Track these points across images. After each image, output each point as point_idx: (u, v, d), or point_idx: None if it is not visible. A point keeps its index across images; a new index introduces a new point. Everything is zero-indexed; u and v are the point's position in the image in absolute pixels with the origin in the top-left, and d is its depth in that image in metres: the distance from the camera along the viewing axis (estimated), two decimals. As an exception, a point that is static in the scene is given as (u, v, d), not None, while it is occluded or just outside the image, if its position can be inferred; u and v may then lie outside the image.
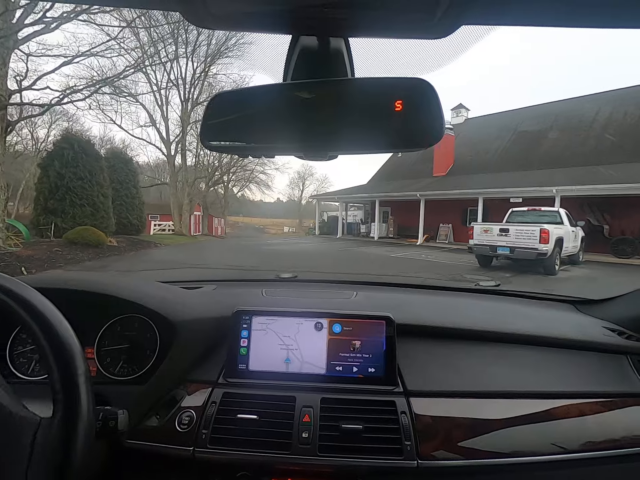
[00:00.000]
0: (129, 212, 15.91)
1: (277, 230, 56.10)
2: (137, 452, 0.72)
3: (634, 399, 0.82)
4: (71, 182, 11.98)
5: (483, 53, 4.48)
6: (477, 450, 0.71)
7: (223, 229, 37.45)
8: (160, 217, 24.63)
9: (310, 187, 59.15)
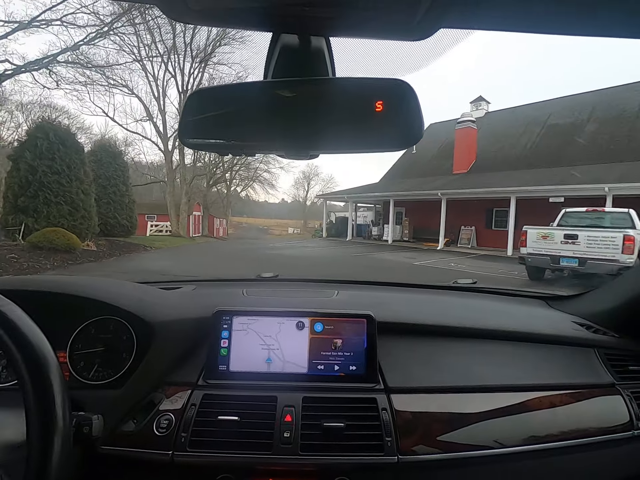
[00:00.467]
0: (117, 211, 14.33)
1: (281, 232, 54.77)
2: (113, 458, 0.70)
3: (600, 390, 0.86)
4: (45, 177, 10.41)
5: (501, 45, 2.99)
6: (455, 443, 0.73)
7: (225, 229, 36.11)
8: (157, 218, 23.23)
9: (315, 187, 57.73)
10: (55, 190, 10.57)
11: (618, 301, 1.03)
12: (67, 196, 10.79)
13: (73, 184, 10.98)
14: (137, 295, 0.88)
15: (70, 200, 10.89)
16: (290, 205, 72.02)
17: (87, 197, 11.51)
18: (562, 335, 0.97)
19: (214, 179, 28.74)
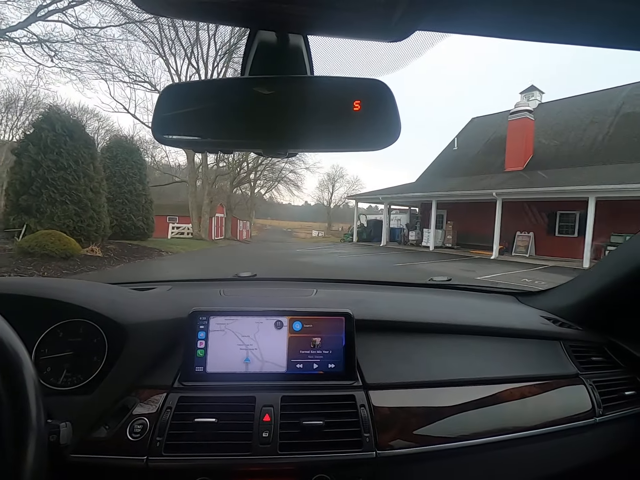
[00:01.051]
0: (133, 212, 13.17)
1: (305, 234, 53.48)
2: (84, 466, 0.67)
3: (566, 380, 0.91)
4: (49, 173, 9.27)
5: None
6: (431, 436, 0.74)
7: (248, 232, 35.09)
8: (178, 219, 22.27)
9: (340, 189, 56.01)
10: (61, 188, 9.42)
11: (581, 296, 1.09)
12: (73, 195, 9.62)
13: (81, 181, 9.81)
14: (109, 296, 0.86)
15: (78, 199, 9.72)
16: (314, 207, 70.83)
17: (97, 195, 10.33)
18: (531, 329, 1.00)
19: (238, 180, 27.64)
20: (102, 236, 10.51)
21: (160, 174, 27.41)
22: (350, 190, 53.66)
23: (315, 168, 47.43)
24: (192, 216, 19.90)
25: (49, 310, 0.78)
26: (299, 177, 31.67)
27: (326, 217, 56.36)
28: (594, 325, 1.06)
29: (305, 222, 73.92)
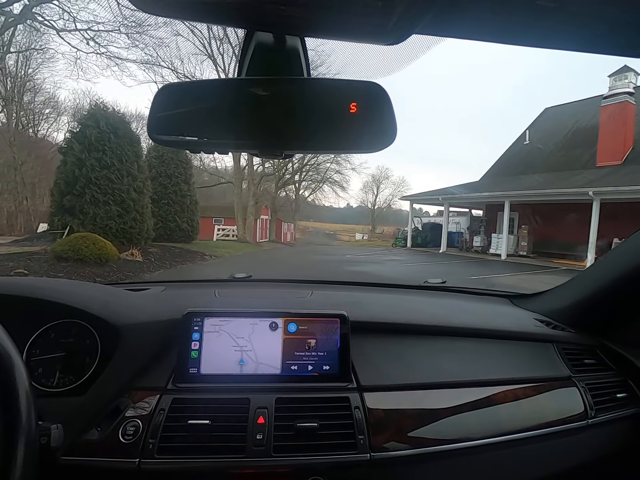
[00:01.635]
0: (178, 214, 12.66)
1: (349, 237, 52.15)
2: (75, 468, 0.66)
3: (559, 382, 0.91)
4: (93, 172, 8.82)
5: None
6: (426, 438, 0.74)
7: (292, 234, 34.49)
8: (224, 221, 21.97)
9: (385, 191, 53.81)
10: (104, 188, 8.94)
11: (574, 299, 1.08)
12: (116, 194, 9.11)
13: (124, 181, 9.29)
14: (101, 296, 0.85)
15: (120, 200, 9.19)
16: (356, 209, 69.21)
17: (141, 196, 9.78)
18: (524, 331, 1.00)
19: (283, 181, 27.00)
20: (145, 238, 9.95)
21: (208, 176, 27.57)
22: (396, 191, 51.52)
23: (361, 168, 46.04)
24: (237, 218, 19.40)
25: (40, 311, 0.77)
26: (344, 178, 30.41)
27: (369, 220, 54.57)
28: (587, 327, 1.07)
29: (347, 225, 72.70)
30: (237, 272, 1.40)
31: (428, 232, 17.72)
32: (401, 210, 65.75)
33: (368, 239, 47.76)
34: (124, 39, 7.55)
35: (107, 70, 15.35)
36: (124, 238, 9.21)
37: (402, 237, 19.68)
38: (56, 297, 0.77)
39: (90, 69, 20.45)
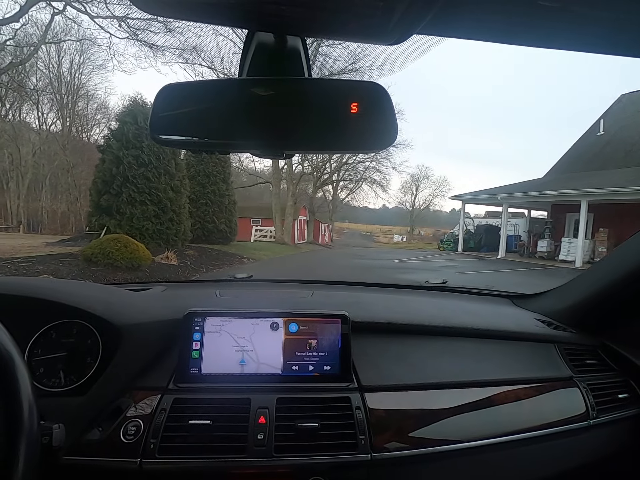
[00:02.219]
0: (216, 214, 12.18)
1: (387, 239, 50.52)
2: (77, 468, 0.67)
3: (561, 383, 0.90)
4: (130, 170, 8.45)
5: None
6: (427, 439, 0.74)
7: (330, 236, 33.67)
8: (262, 222, 21.56)
9: (425, 191, 51.42)
10: (141, 187, 8.53)
11: (575, 299, 1.08)
12: (153, 194, 8.68)
13: (161, 179, 8.86)
14: (103, 296, 0.85)
15: (157, 199, 8.76)
16: (392, 210, 67.31)
17: (178, 195, 9.32)
18: (525, 332, 0.99)
19: (321, 181, 26.21)
20: (182, 240, 9.49)
21: (246, 177, 27.46)
22: (436, 191, 49.14)
23: (402, 167, 44.07)
24: (275, 219, 18.84)
25: (41, 311, 0.77)
26: (384, 178, 29.00)
27: (407, 221, 52.57)
28: (588, 328, 1.06)
29: (384, 226, 71.02)
30: (238, 272, 1.46)
31: (482, 234, 16.05)
32: (440, 211, 63.39)
33: (408, 241, 45.94)
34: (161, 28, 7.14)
35: (144, 62, 15.38)
36: (160, 239, 8.77)
37: (450, 239, 18.09)
38: (57, 297, 0.77)
39: (127, 62, 20.89)
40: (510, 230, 15.61)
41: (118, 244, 5.81)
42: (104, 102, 27.60)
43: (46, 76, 24.35)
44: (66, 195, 25.21)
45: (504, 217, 14.11)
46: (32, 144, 25.17)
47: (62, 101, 26.00)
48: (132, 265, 5.92)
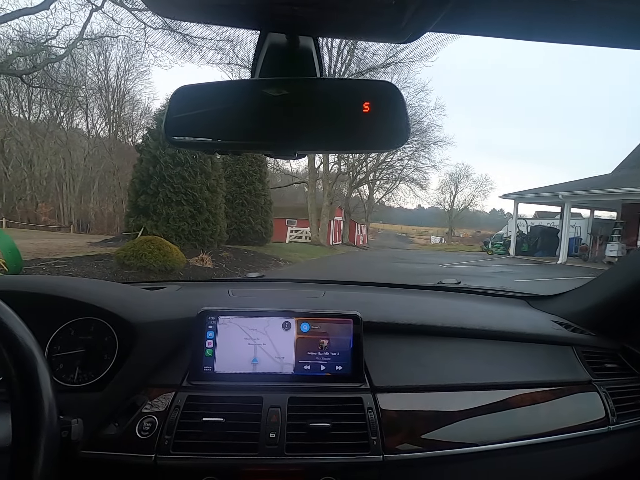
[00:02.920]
0: (252, 215, 11.87)
1: (424, 241, 48.76)
2: (94, 462, 0.68)
3: (579, 386, 0.88)
4: (166, 169, 8.28)
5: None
6: (439, 441, 0.73)
7: (365, 237, 32.84)
8: (297, 223, 21.22)
9: (464, 190, 48.72)
10: (177, 186, 8.33)
11: (595, 301, 1.05)
12: (189, 194, 8.45)
13: (197, 179, 8.62)
14: (119, 295, 0.86)
15: (193, 199, 8.52)
16: (429, 211, 64.95)
17: (214, 195, 9.05)
18: (542, 334, 0.97)
19: (357, 181, 25.49)
20: (217, 241, 9.21)
21: (281, 178, 27.37)
22: (477, 190, 46.54)
23: (441, 165, 42.24)
24: (311, 219, 18.41)
25: (61, 308, 0.79)
26: (422, 176, 27.68)
27: (444, 222, 50.38)
28: (608, 330, 1.02)
29: (419, 227, 68.92)
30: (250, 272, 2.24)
31: (537, 237, 14.55)
32: (480, 211, 60.38)
33: (447, 242, 43.97)
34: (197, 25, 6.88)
35: (181, 58, 15.34)
36: (196, 241, 8.53)
37: (500, 242, 16.68)
38: (76, 295, 0.79)
39: (164, 57, 21.14)
40: (570, 232, 14.03)
41: (151, 246, 5.51)
42: (147, 107, 28.63)
43: (95, 84, 25.70)
44: (112, 197, 26.43)
45: (566, 218, 12.63)
46: (83, 148, 26.64)
47: (109, 107, 27.31)
48: (165, 269, 5.60)
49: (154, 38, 7.50)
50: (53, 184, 25.48)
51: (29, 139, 23.88)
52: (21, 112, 24.71)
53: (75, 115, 27.32)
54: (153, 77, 35.98)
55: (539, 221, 18.02)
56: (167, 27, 6.62)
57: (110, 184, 26.53)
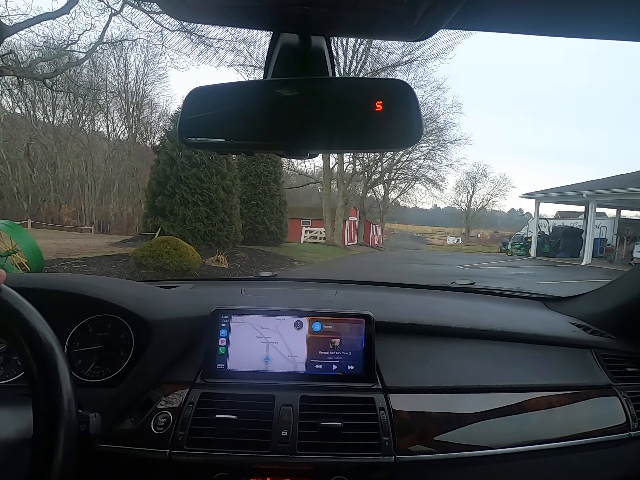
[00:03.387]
0: (267, 215, 11.89)
1: (441, 241, 47.98)
2: (110, 456, 0.70)
3: (597, 391, 0.86)
4: (183, 170, 8.37)
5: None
6: (452, 443, 0.73)
7: (380, 237, 32.55)
8: (312, 223, 21.19)
9: (482, 190, 47.57)
10: (193, 187, 8.41)
11: (615, 303, 1.03)
12: (205, 194, 8.52)
13: (213, 179, 8.68)
14: (135, 293, 0.87)
15: (209, 200, 8.59)
16: (445, 211, 63.88)
17: (229, 195, 9.10)
18: (559, 336, 0.95)
19: (372, 181, 25.28)
20: (233, 241, 9.27)
21: (296, 178, 27.41)
22: (495, 190, 45.40)
23: (458, 164, 41.45)
24: (326, 220, 18.34)
25: (79, 306, 0.81)
26: (439, 176, 27.21)
27: (460, 222, 49.29)
28: (629, 333, 0.99)
29: (435, 227, 67.93)
30: (263, 271, 2.14)
31: (560, 237, 14.07)
32: (498, 211, 59.03)
33: (464, 243, 43.13)
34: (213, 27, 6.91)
35: (197, 59, 15.41)
36: (211, 241, 8.60)
37: (519, 243, 16.21)
38: (94, 293, 0.80)
39: (180, 59, 21.43)
40: (595, 233, 13.50)
41: (168, 246, 5.56)
42: (165, 110, 29.21)
43: (115, 87, 26.37)
44: (131, 198, 27.06)
45: (591, 218, 12.15)
46: (103, 151, 27.38)
47: (129, 110, 27.98)
48: (181, 269, 5.64)
49: (171, 40, 7.62)
50: (75, 185, 26.27)
51: (53, 142, 24.69)
52: (45, 116, 25.59)
53: (96, 119, 28.14)
54: (170, 80, 37.05)
55: (562, 221, 17.45)
56: (184, 30, 6.69)
57: (129, 186, 27.16)
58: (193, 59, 11.90)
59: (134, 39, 8.67)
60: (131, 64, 26.86)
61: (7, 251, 4.38)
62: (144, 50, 20.41)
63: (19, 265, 4.59)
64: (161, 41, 7.65)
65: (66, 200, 25.76)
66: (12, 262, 4.48)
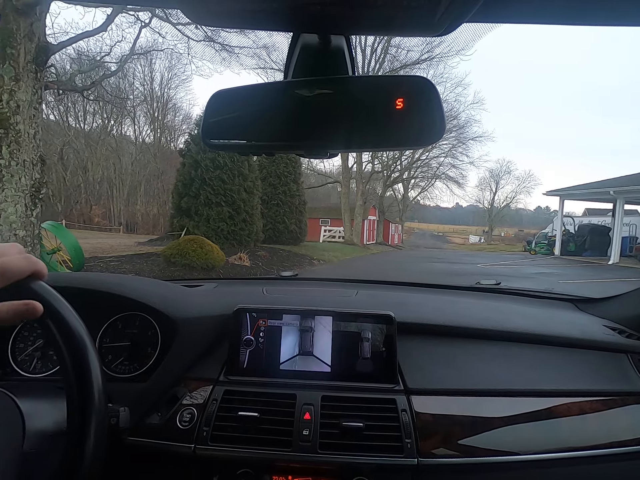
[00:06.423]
0: (287, 215, 12.18)
1: (463, 240, 47.09)
2: (138, 449, 0.72)
3: (635, 398, 0.81)
4: (207, 172, 8.73)
5: None
6: (477, 448, 0.71)
7: (400, 236, 32.33)
8: (330, 222, 21.38)
9: (506, 187, 46.47)
10: (217, 188, 8.77)
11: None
12: (227, 195, 8.86)
13: (235, 181, 9.01)
14: (162, 292, 0.90)
15: (232, 201, 8.92)
16: (466, 209, 62.64)
17: (251, 196, 9.41)
18: (591, 339, 0.90)
19: (391, 180, 25.17)
20: (254, 241, 9.58)
21: (315, 178, 27.66)
22: (520, 187, 44.15)
23: (480, 162, 40.51)
24: (345, 219, 18.47)
25: (110, 303, 0.84)
26: (459, 173, 26.78)
27: (483, 220, 48.23)
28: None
29: (457, 226, 66.67)
30: (284, 271, 1.60)
31: (586, 235, 13.66)
32: (523, 209, 57.24)
33: (487, 242, 42.18)
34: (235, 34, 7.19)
35: (220, 66, 15.80)
36: (234, 240, 8.93)
37: (544, 241, 15.82)
38: (123, 292, 0.83)
39: (205, 67, 22.11)
40: (624, 231, 13.02)
41: (194, 245, 5.89)
42: (188, 113, 30.18)
43: (141, 93, 27.45)
44: (157, 199, 28.08)
45: (619, 215, 11.75)
46: (130, 154, 28.54)
47: (154, 114, 29.04)
48: (206, 266, 5.95)
49: (196, 50, 7.96)
50: (104, 187, 27.52)
51: (84, 146, 25.98)
52: (77, 122, 26.95)
53: (123, 123, 29.38)
54: (193, 84, 38.21)
55: (589, 219, 16.91)
56: (208, 39, 6.99)
57: (155, 187, 28.18)
58: (216, 65, 12.32)
59: (161, 49, 9.11)
60: (156, 71, 27.86)
61: (52, 249, 4.81)
62: (168, 56, 21.21)
63: (62, 262, 5.02)
64: (187, 51, 8.02)
65: (96, 202, 27.03)
66: (56, 260, 4.91)
